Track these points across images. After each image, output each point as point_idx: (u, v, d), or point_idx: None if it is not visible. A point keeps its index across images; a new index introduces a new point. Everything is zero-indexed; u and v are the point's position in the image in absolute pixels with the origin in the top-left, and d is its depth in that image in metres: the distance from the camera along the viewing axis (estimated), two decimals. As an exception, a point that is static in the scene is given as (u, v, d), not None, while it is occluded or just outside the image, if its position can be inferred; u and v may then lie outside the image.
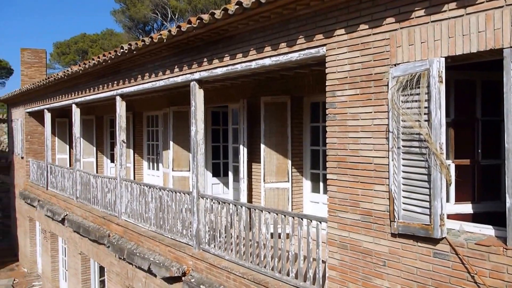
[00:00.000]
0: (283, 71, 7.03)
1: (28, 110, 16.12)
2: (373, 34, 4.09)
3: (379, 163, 4.08)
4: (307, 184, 8.00)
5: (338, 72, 4.44)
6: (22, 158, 17.14)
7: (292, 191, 7.82)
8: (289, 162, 7.76)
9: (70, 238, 12.06)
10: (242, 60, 5.69)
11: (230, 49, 5.89)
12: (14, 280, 16.45)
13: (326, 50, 4.56)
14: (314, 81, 7.24)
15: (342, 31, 4.38)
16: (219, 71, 6.16)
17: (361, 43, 4.20)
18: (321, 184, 7.71)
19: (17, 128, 17.84)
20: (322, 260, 4.84)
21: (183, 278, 6.78)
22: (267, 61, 5.32)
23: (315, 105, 7.77)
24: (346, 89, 4.36)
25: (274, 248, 5.44)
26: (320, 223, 4.79)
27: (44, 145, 14.55)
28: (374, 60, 4.09)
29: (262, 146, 7.72)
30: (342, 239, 4.45)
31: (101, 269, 11.43)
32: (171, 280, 7.10)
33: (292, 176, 7.80)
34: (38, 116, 16.19)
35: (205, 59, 6.38)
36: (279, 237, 6.39)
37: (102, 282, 11.59)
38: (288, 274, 5.21)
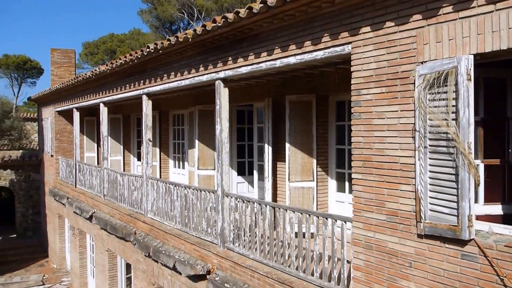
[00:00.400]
0: (308, 69, 6.99)
1: (57, 109, 16.48)
2: (400, 31, 4.02)
3: (405, 162, 4.02)
4: (332, 183, 7.94)
5: (364, 70, 4.38)
6: (51, 156, 17.54)
7: (317, 190, 7.78)
8: (314, 161, 7.72)
9: (98, 235, 12.28)
10: (267, 58, 5.68)
11: (255, 47, 5.89)
12: (44, 276, 16.88)
13: (352, 48, 4.51)
14: (339, 80, 7.18)
15: (368, 28, 4.32)
16: (243, 70, 6.17)
17: (387, 41, 4.13)
18: (347, 184, 7.64)
19: (47, 126, 18.28)
20: (347, 260, 4.80)
21: (207, 276, 6.82)
22: (292, 60, 5.30)
23: (341, 103, 7.70)
24: (372, 88, 4.30)
25: (298, 247, 5.42)
26: (345, 223, 4.75)
27: (73, 144, 14.86)
28: (400, 58, 4.02)
29: (287, 145, 7.70)
30: (367, 239, 4.40)
31: (128, 266, 11.60)
32: (196, 278, 7.15)
33: (317, 175, 7.76)
34: (67, 115, 16.55)
35: (230, 58, 6.40)
36: (304, 236, 6.36)
37: (128, 279, 11.77)
38: (312, 274, 5.18)
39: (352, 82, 4.52)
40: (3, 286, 15.76)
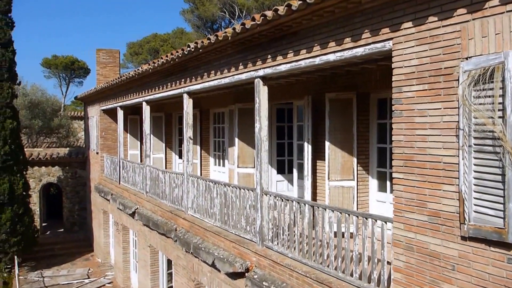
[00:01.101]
0: (348, 66, 6.88)
1: (102, 108, 16.98)
2: (443, 26, 3.89)
3: (449, 162, 3.88)
4: (373, 182, 7.79)
5: (405, 67, 4.27)
6: (97, 153, 18.10)
7: (357, 189, 7.66)
8: (355, 160, 7.60)
9: (140, 231, 12.57)
10: (306, 56, 5.63)
11: (294, 45, 5.85)
12: (89, 269, 17.45)
13: (393, 44, 4.40)
14: (381, 77, 7.03)
15: (410, 24, 4.20)
16: (282, 67, 6.14)
17: (430, 36, 4.00)
18: (388, 183, 7.48)
19: (93, 125, 18.87)
20: (387, 262, 4.70)
21: (246, 274, 6.85)
22: (331, 57, 5.23)
23: (382, 101, 7.55)
24: (414, 85, 4.18)
25: (337, 247, 5.35)
26: (386, 223, 4.65)
27: (117, 141, 15.28)
28: (443, 54, 3.89)
29: (327, 143, 7.62)
30: (408, 240, 4.29)
31: (169, 262, 11.81)
32: (234, 275, 7.20)
33: (357, 174, 7.64)
34: (111, 113, 17.02)
35: (269, 56, 6.39)
36: (343, 236, 6.28)
37: (169, 275, 11.98)
38: (351, 275, 5.10)
39: (393, 79, 4.41)
40: (51, 278, 16.41)
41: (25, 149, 18.62)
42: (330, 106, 7.61)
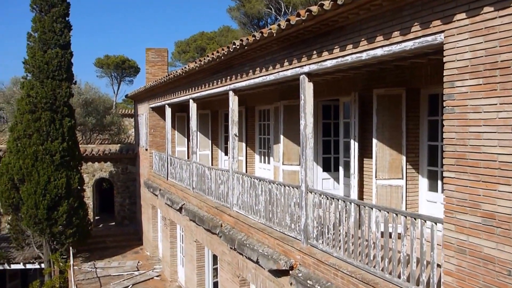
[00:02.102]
0: (397, 61, 6.67)
1: (151, 106, 17.36)
2: (499, 17, 3.66)
3: (505, 160, 3.66)
4: (423, 182, 7.52)
5: (458, 60, 4.06)
6: (146, 150, 18.54)
7: (406, 189, 7.41)
8: (404, 158, 7.36)
9: (187, 226, 12.77)
10: (353, 51, 5.49)
11: (340, 40, 5.72)
12: (139, 262, 17.93)
13: (444, 37, 4.19)
14: (432, 71, 6.76)
15: (463, 15, 3.99)
16: (328, 63, 6.02)
17: (485, 28, 3.78)
18: (439, 183, 7.19)
19: (142, 122, 19.34)
20: (437, 264, 4.50)
21: (290, 272, 6.79)
22: (379, 52, 5.07)
23: (434, 97, 7.25)
24: (467, 79, 3.97)
25: (384, 248, 5.19)
26: (436, 224, 4.45)
27: (165, 138, 15.57)
28: (500, 46, 3.67)
29: (374, 141, 7.42)
30: (460, 242, 4.09)
31: (214, 257, 11.93)
32: (278, 273, 7.15)
33: (406, 173, 7.39)
34: (160, 111, 17.38)
35: (314, 52, 6.28)
36: (390, 236, 6.09)
37: (215, 270, 12.11)
38: (399, 276, 4.94)
39: (444, 74, 4.21)
40: (103, 269, 16.98)
41: (80, 146, 19.36)
42: (378, 102, 7.41)
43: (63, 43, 16.90)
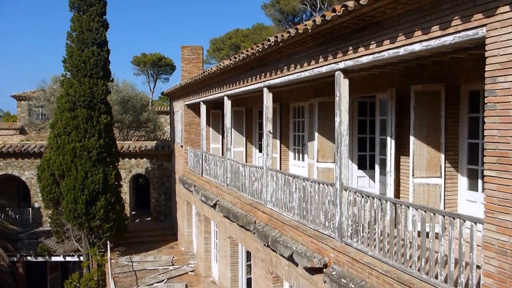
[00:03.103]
0: (435, 56, 6.49)
1: (186, 103, 17.55)
2: (546, 9, 3.51)
3: (551, 159, 3.51)
4: (463, 180, 7.30)
5: (501, 55, 3.91)
6: (181, 146, 18.77)
7: (445, 187, 7.22)
8: (442, 156, 7.17)
9: (221, 222, 12.86)
10: (389, 46, 5.38)
11: (377, 35, 5.61)
12: (174, 257, 18.20)
13: (486, 31, 4.05)
14: (473, 67, 6.56)
15: (507, 8, 3.84)
16: (364, 59, 5.92)
17: (530, 21, 3.63)
18: (479, 182, 6.97)
19: (177, 119, 19.59)
20: (477, 266, 4.37)
21: (324, 270, 6.74)
22: (417, 47, 4.94)
23: (474, 93, 7.03)
24: (510, 75, 3.82)
25: (421, 247, 5.07)
26: (475, 224, 4.32)
27: (200, 135, 15.72)
28: (546, 40, 3.51)
29: (412, 138, 7.26)
30: (501, 244, 3.95)
31: (248, 254, 11.97)
32: (312, 271, 7.11)
33: (445, 171, 7.20)
34: (195, 108, 17.55)
35: (350, 48, 6.19)
36: (427, 236, 5.95)
37: (248, 266, 12.14)
38: (436, 277, 4.81)
39: (486, 69, 4.07)
40: (139, 263, 17.33)
41: (117, 142, 19.80)
42: (416, 99, 7.24)
43: (99, 41, 17.30)
